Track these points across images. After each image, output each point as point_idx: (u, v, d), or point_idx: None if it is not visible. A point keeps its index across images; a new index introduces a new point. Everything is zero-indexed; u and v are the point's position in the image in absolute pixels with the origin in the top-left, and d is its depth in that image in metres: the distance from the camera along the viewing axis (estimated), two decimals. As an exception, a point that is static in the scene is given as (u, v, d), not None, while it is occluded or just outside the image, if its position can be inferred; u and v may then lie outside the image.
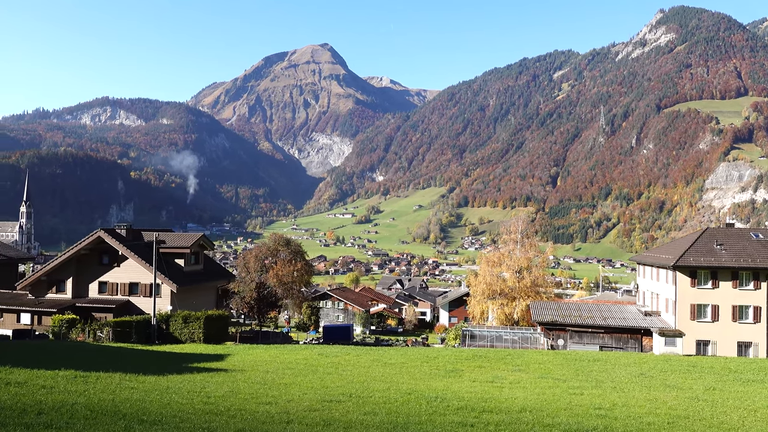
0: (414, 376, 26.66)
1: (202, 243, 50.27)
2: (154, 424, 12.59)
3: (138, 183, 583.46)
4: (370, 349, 39.61)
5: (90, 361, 24.94)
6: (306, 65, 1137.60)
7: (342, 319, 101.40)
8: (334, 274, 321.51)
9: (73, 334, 38.26)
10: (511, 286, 57.61)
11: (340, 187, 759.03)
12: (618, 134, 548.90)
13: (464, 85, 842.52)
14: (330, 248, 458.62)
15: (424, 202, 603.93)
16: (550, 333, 48.67)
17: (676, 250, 47.06)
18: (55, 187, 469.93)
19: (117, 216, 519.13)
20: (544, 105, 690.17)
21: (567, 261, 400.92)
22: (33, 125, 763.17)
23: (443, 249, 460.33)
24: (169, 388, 18.93)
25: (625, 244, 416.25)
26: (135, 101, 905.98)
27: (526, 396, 21.17)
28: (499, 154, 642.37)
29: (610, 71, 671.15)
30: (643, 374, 28.26)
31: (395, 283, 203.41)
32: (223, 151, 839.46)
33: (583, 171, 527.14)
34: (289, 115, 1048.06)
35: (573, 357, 36.00)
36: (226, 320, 42.78)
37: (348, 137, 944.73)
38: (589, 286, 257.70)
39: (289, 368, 28.00)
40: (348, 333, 59.31)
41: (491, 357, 34.32)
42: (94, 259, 46.50)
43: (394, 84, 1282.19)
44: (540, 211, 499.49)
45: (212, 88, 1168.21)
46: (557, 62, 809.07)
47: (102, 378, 20.11)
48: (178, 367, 26.77)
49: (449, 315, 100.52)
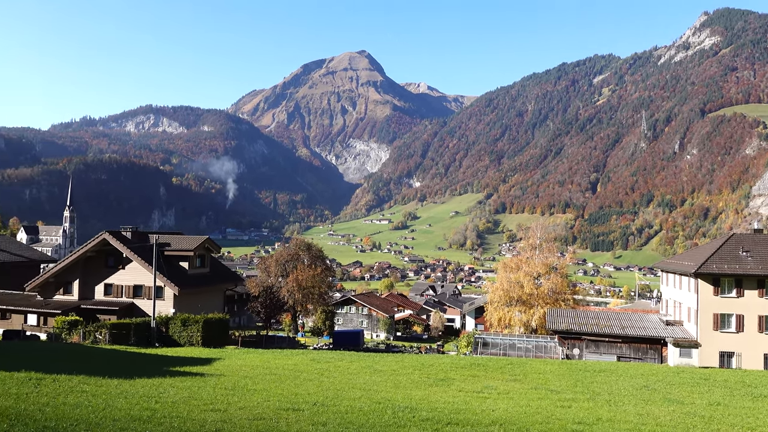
0: (398, 384, 25.44)
1: (208, 246, 49.88)
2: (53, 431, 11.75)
3: (179, 189, 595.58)
4: (368, 356, 38.46)
5: (61, 363, 24.48)
6: (343, 72, 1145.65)
7: (366, 325, 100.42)
8: (369, 279, 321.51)
9: (73, 335, 38.21)
10: (529, 293, 55.63)
11: (377, 193, 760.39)
12: (660, 139, 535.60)
13: (502, 91, 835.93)
14: (366, 254, 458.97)
15: (461, 208, 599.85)
16: (566, 342, 46.71)
17: (698, 257, 44.56)
18: (99, 192, 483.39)
19: (159, 221, 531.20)
20: (584, 110, 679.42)
21: (607, 269, 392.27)
22: (80, 133, 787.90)
23: (480, 255, 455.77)
24: (123, 393, 18.19)
25: (667, 251, 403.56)
26: (177, 109, 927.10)
27: (508, 407, 19.86)
28: (537, 159, 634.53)
29: (652, 75, 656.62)
30: (647, 387, 26.44)
31: (428, 289, 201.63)
32: (261, 157, 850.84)
33: (624, 177, 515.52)
34: (326, 122, 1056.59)
35: (580, 367, 34.16)
36: (226, 324, 42.19)
37: (385, 143, 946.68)
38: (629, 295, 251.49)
39: (272, 374, 27.09)
40: (358, 339, 58.17)
41: (490, 366, 32.80)
42: (101, 262, 46.61)
43: (432, 90, 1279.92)
44: (579, 218, 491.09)
45: (252, 95, 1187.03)
46: (597, 67, 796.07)
47: (59, 381, 19.49)
48: (157, 370, 26.13)
49: (475, 322, 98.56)
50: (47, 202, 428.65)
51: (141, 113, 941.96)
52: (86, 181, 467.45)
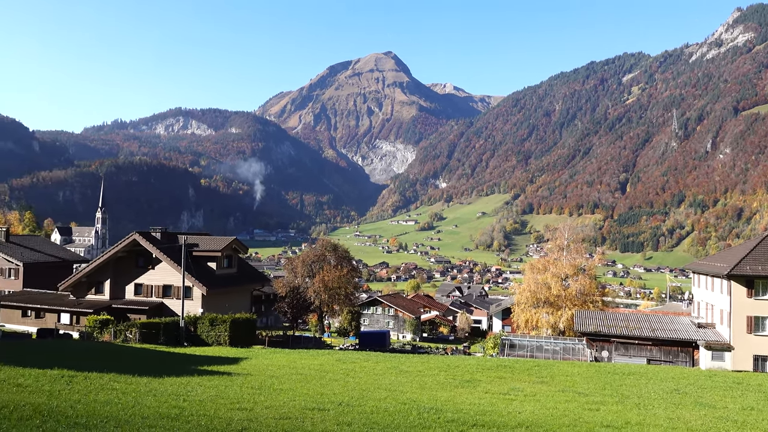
0: (424, 385, 25.37)
1: (235, 247, 50.42)
2: (85, 428, 11.97)
3: (208, 190, 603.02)
4: (394, 356, 38.43)
5: (92, 361, 24.94)
6: (369, 73, 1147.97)
7: (392, 326, 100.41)
8: (395, 280, 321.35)
9: (104, 334, 38.94)
10: (557, 294, 54.99)
11: (403, 193, 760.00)
12: (692, 138, 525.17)
13: (529, 91, 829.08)
14: (392, 255, 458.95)
15: (488, 209, 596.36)
16: (594, 344, 46.07)
17: (731, 258, 43.54)
18: (130, 194, 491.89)
19: (188, 222, 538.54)
20: (613, 109, 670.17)
21: (637, 270, 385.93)
22: (111, 135, 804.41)
23: (507, 257, 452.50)
24: (152, 391, 18.47)
25: (700, 253, 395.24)
26: (206, 111, 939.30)
27: (535, 410, 19.66)
28: (565, 160, 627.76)
29: (683, 73, 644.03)
30: (677, 390, 25.93)
31: (454, 290, 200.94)
32: (288, 158, 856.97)
33: (654, 177, 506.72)
34: (353, 123, 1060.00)
35: (608, 370, 33.66)
36: (253, 324, 42.54)
37: (411, 144, 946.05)
38: (660, 297, 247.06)
39: (298, 374, 27.24)
40: (384, 339, 58.11)
41: (517, 367, 32.51)
42: (131, 262, 47.46)
43: (458, 90, 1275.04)
44: (608, 219, 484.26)
45: (279, 97, 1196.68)
46: (627, 65, 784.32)
47: (90, 378, 19.87)
48: (185, 369, 26.48)
49: (502, 323, 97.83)
50: (80, 204, 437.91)
51: (170, 116, 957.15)
52: (117, 182, 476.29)
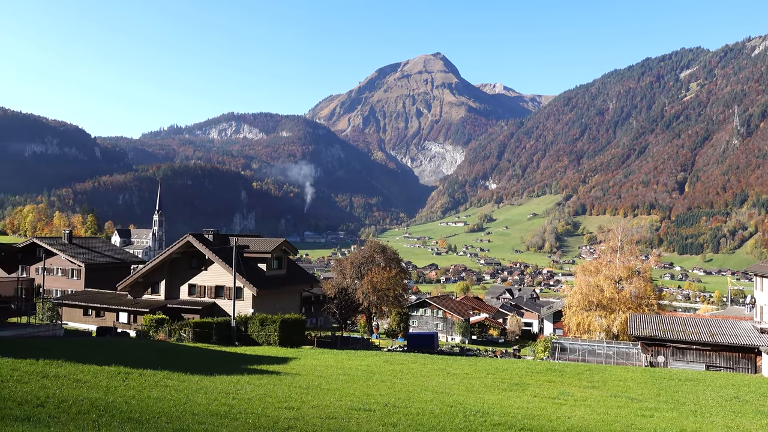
0: (471, 387, 25.15)
1: (285, 248, 51.20)
2: (138, 423, 12.36)
3: (259, 193, 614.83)
4: (442, 358, 38.22)
5: (147, 359, 25.73)
6: (418, 75, 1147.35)
7: (441, 328, 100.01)
8: (444, 282, 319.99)
9: (159, 333, 40.19)
10: (610, 297, 53.60)
11: (452, 195, 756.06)
12: (755, 136, 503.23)
13: (581, 89, 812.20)
14: (441, 257, 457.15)
15: (539, 210, 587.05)
16: (649, 349, 44.71)
17: (797, 260, 41.57)
18: (185, 197, 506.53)
19: (240, 224, 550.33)
20: (670, 107, 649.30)
21: (696, 273, 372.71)
22: (168, 141, 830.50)
23: (558, 258, 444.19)
24: (203, 388, 18.91)
25: (764, 255, 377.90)
26: (257, 115, 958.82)
27: (585, 415, 19.23)
28: (619, 159, 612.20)
29: (745, 68, 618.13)
30: (737, 398, 24.90)
31: (504, 292, 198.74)
32: (338, 161, 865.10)
33: (714, 176, 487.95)
34: (401, 125, 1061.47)
35: (663, 375, 32.61)
36: (302, 324, 43.07)
37: (460, 145, 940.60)
38: (721, 300, 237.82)
39: (345, 374, 27.40)
40: (432, 341, 57.85)
41: (567, 371, 31.85)
42: (185, 263, 48.84)
43: (508, 90, 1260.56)
44: (665, 220, 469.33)
45: (328, 100, 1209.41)
46: (684, 61, 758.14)
47: (145, 375, 20.50)
48: (235, 368, 27.01)
49: (553, 326, 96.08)
50: (138, 207, 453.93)
51: (223, 120, 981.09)
52: (173, 186, 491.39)
